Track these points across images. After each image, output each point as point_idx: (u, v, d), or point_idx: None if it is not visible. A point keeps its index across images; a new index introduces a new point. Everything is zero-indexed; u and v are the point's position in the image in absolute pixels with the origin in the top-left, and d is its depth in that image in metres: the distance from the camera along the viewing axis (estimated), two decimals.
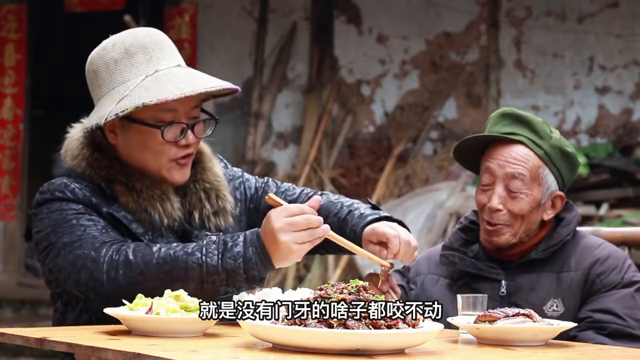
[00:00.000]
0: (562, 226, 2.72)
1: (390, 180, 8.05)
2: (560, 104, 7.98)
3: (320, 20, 8.54)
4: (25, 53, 9.08)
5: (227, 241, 2.26)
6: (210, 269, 2.23)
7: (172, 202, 2.45)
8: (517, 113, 2.73)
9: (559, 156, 2.71)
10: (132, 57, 2.42)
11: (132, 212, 2.42)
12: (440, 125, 8.23)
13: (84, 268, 2.29)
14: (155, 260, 2.25)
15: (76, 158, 2.46)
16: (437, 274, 2.82)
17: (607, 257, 2.67)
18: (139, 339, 1.98)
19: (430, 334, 1.89)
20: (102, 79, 2.44)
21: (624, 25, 7.88)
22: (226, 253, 2.24)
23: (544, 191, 2.68)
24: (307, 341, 1.79)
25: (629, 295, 2.61)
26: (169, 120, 2.40)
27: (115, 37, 2.47)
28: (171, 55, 2.47)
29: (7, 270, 9.12)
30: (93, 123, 2.39)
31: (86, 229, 2.34)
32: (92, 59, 2.48)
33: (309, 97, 8.40)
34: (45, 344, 1.96)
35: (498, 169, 2.67)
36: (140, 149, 2.43)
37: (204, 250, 2.25)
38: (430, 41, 8.29)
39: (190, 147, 2.46)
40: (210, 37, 8.72)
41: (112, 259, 2.27)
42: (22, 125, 9.11)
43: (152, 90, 2.36)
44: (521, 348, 2.06)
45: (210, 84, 2.41)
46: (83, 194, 2.40)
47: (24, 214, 9.13)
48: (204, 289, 2.23)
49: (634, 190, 7.29)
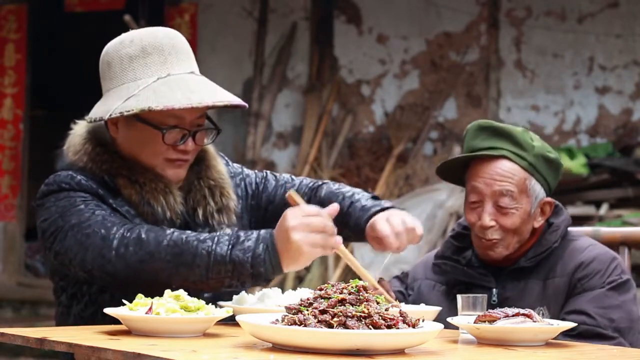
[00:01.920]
0: (550, 232, 2.70)
1: (390, 180, 8.05)
2: (560, 104, 7.98)
3: (320, 20, 8.54)
4: (25, 53, 9.08)
5: (239, 235, 2.25)
6: (218, 258, 2.22)
7: (174, 196, 2.46)
8: (495, 125, 2.68)
9: (543, 164, 2.68)
10: (147, 56, 2.43)
11: (135, 206, 2.43)
12: (440, 125, 8.23)
13: (92, 246, 2.29)
14: (166, 242, 2.25)
15: (78, 153, 2.48)
16: (433, 279, 2.82)
17: (592, 261, 2.63)
18: (139, 339, 1.98)
19: (430, 334, 1.89)
20: (114, 72, 2.45)
21: (624, 25, 7.88)
22: (237, 245, 2.22)
23: (533, 201, 2.66)
24: (307, 341, 1.79)
25: (603, 294, 2.58)
26: (172, 124, 2.41)
27: (135, 32, 2.49)
28: (186, 61, 2.47)
29: (7, 270, 9.12)
30: (97, 116, 2.41)
31: (95, 211, 2.35)
32: (107, 51, 2.49)
33: (309, 97, 8.40)
34: (45, 344, 1.96)
35: (485, 188, 2.64)
36: (139, 146, 2.45)
37: (216, 240, 2.24)
38: (430, 41, 8.29)
39: (188, 153, 2.47)
40: (210, 37, 8.72)
41: (123, 235, 2.28)
42: (22, 125, 9.11)
43: (160, 94, 2.36)
44: (521, 348, 2.06)
45: (218, 98, 2.41)
46: (89, 185, 2.42)
47: (24, 214, 9.13)
48: (209, 277, 2.23)
49: (634, 190, 7.29)
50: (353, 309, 1.83)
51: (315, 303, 1.87)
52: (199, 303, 2.10)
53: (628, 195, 7.31)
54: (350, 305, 1.85)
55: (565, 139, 7.92)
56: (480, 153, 2.65)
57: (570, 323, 2.20)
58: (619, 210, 7.24)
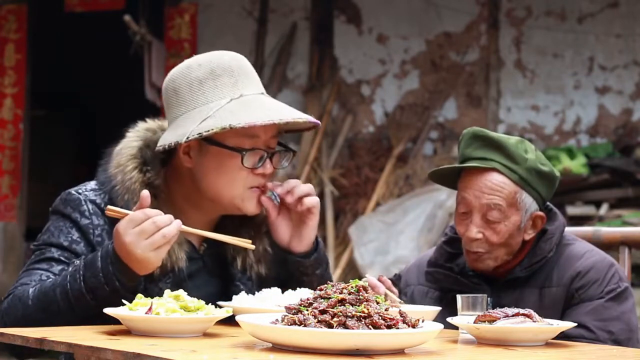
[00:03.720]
0: (544, 240, 2.65)
1: (390, 180, 8.05)
2: (560, 104, 7.98)
3: (320, 20, 8.54)
4: (25, 53, 9.07)
5: (87, 260, 2.23)
6: (76, 294, 2.21)
7: (181, 246, 2.39)
8: (489, 136, 2.63)
9: (536, 178, 2.61)
10: (217, 78, 2.37)
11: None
12: (440, 125, 8.23)
13: (13, 296, 2.32)
14: (30, 301, 2.26)
15: (119, 167, 2.40)
16: (426, 285, 2.79)
17: (589, 270, 2.59)
18: (139, 339, 1.97)
19: (430, 334, 1.89)
20: (182, 97, 2.37)
21: (624, 25, 7.88)
22: (87, 273, 2.21)
23: (523, 214, 2.61)
24: (307, 341, 1.79)
25: (601, 306, 2.54)
26: (249, 146, 2.35)
27: (200, 57, 2.43)
28: (255, 83, 2.44)
29: (7, 271, 9.11)
30: (172, 141, 2.32)
31: (52, 266, 2.35)
32: (173, 77, 2.41)
33: (309, 97, 8.40)
34: (45, 344, 1.96)
35: (474, 200, 2.60)
36: (216, 173, 2.36)
37: (68, 277, 2.24)
38: (430, 41, 8.29)
39: (266, 177, 2.41)
40: (210, 37, 8.72)
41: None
42: (22, 125, 9.10)
43: (238, 113, 2.30)
44: (521, 348, 2.06)
45: (297, 114, 2.37)
46: (90, 221, 2.38)
47: (24, 214, 9.12)
48: (77, 313, 2.22)
49: (634, 190, 7.28)
50: (353, 309, 1.83)
51: (315, 303, 1.87)
52: (199, 303, 2.11)
53: (628, 195, 7.30)
54: (350, 305, 1.85)
55: (565, 139, 7.92)
56: (471, 164, 2.62)
57: (570, 323, 2.19)
58: (619, 210, 7.23)
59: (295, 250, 2.46)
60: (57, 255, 2.35)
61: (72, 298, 2.21)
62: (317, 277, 2.47)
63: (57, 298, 2.23)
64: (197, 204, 2.43)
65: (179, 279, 2.39)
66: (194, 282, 2.43)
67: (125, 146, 2.44)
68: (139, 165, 2.39)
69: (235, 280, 2.46)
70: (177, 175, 2.44)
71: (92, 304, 2.21)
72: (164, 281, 2.36)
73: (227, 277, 2.48)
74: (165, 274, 2.36)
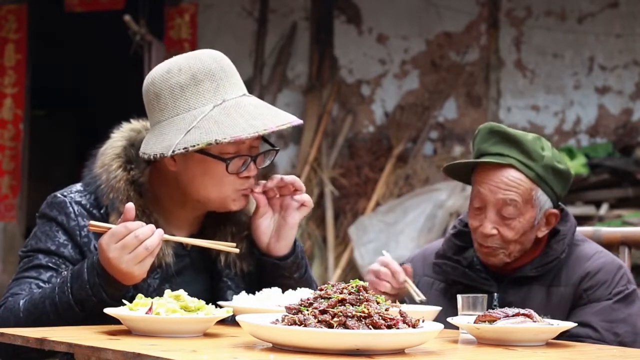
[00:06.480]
0: (556, 241, 2.65)
1: (390, 180, 8.05)
2: (560, 104, 7.98)
3: (320, 20, 8.54)
4: (25, 53, 9.07)
5: (74, 272, 2.26)
6: (65, 306, 2.24)
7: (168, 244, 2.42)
8: (507, 131, 2.63)
9: (552, 175, 2.62)
10: (199, 84, 2.37)
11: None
12: (440, 125, 8.23)
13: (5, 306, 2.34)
14: (21, 314, 2.28)
15: (104, 167, 2.43)
16: (432, 276, 2.79)
17: (598, 271, 2.59)
18: (139, 339, 1.98)
19: (430, 334, 1.88)
20: (164, 103, 2.39)
21: (624, 25, 7.88)
22: (74, 285, 2.24)
23: (537, 212, 2.61)
24: (307, 341, 1.79)
25: (609, 307, 2.54)
26: (233, 153, 2.37)
27: (180, 60, 2.42)
28: (237, 84, 2.44)
29: (7, 271, 9.11)
30: (158, 152, 2.34)
31: (40, 274, 2.36)
32: (154, 81, 2.42)
33: (309, 97, 8.40)
34: (45, 344, 1.96)
35: (489, 194, 2.60)
36: (201, 178, 2.39)
37: (57, 290, 2.26)
38: (430, 41, 8.29)
39: (251, 178, 2.44)
40: (210, 37, 8.72)
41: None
42: (22, 125, 9.11)
43: (223, 125, 2.32)
44: (521, 348, 2.06)
45: (280, 121, 2.37)
46: (76, 222, 2.40)
47: (24, 214, 9.12)
48: (68, 323, 2.24)
49: (634, 190, 7.28)
50: (353, 309, 1.83)
51: (315, 303, 1.87)
52: (199, 303, 2.11)
53: (628, 195, 7.30)
54: (350, 305, 1.85)
55: (565, 139, 7.92)
56: (488, 160, 2.62)
57: (570, 323, 2.19)
58: (619, 210, 7.23)
59: (274, 252, 2.48)
60: (45, 262, 2.38)
61: (61, 310, 2.25)
62: (295, 281, 2.49)
63: (47, 310, 2.26)
64: (183, 202, 2.47)
65: (167, 274, 2.42)
66: (183, 278, 2.46)
67: (109, 146, 2.47)
68: (123, 164, 2.43)
69: (223, 276, 2.50)
70: (162, 176, 2.47)
71: (81, 315, 2.24)
72: (152, 277, 2.39)
73: (213, 273, 2.51)
74: (153, 270, 2.38)
